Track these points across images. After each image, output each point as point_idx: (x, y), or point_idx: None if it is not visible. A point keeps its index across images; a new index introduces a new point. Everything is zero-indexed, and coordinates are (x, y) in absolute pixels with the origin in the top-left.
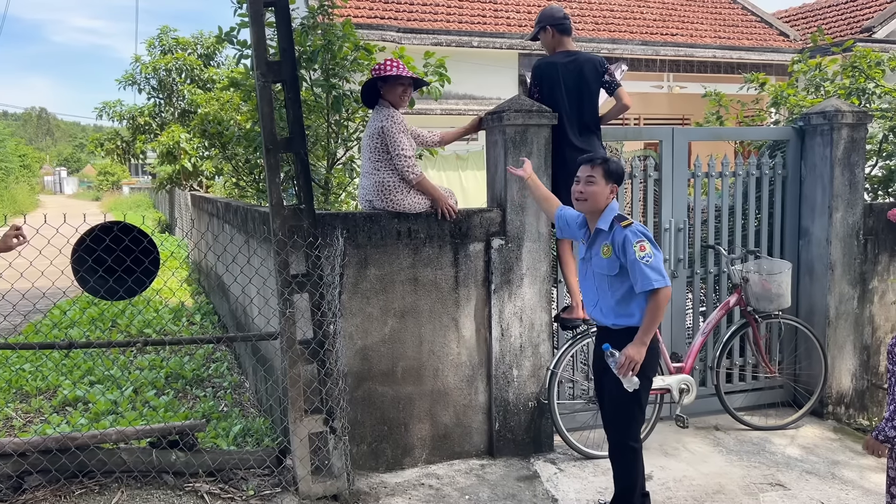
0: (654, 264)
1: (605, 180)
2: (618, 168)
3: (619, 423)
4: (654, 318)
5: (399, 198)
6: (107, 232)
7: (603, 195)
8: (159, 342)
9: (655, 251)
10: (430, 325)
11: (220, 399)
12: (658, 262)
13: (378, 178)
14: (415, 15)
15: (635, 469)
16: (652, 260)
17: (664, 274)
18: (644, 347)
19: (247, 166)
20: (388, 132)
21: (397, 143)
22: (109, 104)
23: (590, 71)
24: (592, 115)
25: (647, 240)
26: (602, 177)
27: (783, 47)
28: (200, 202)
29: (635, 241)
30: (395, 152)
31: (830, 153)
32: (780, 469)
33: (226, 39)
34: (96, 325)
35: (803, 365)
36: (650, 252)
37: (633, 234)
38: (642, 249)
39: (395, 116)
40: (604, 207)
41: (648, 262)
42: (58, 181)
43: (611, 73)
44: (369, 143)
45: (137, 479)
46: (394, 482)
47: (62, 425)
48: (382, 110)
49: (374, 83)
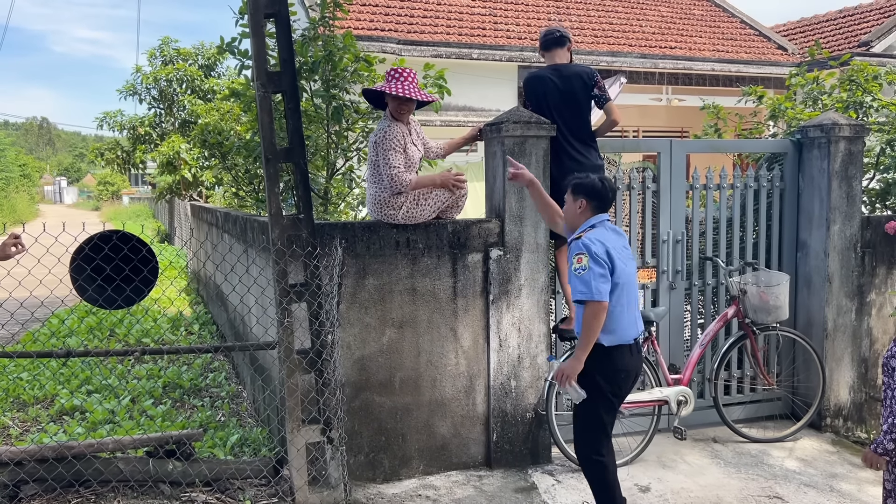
0: (585, 277)
1: (573, 196)
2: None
3: (579, 436)
4: (586, 332)
5: (391, 213)
6: (106, 241)
7: (571, 211)
8: (157, 351)
9: (593, 265)
10: (428, 336)
11: (217, 409)
12: (590, 275)
13: (373, 192)
14: (415, 27)
15: (606, 482)
16: (584, 273)
17: (591, 288)
18: (577, 362)
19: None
20: (378, 147)
21: (385, 160)
22: (110, 114)
23: (578, 84)
24: (583, 126)
25: (587, 252)
26: (570, 194)
27: (781, 61)
28: (200, 212)
29: (575, 252)
30: (385, 170)
31: (828, 166)
32: (779, 482)
33: (227, 50)
34: (94, 334)
35: (801, 377)
36: (585, 264)
37: (576, 246)
38: (578, 261)
39: (389, 132)
40: (580, 223)
41: (579, 274)
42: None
43: (601, 86)
44: (369, 155)
45: (134, 489)
46: (391, 493)
47: (59, 434)
48: (382, 123)
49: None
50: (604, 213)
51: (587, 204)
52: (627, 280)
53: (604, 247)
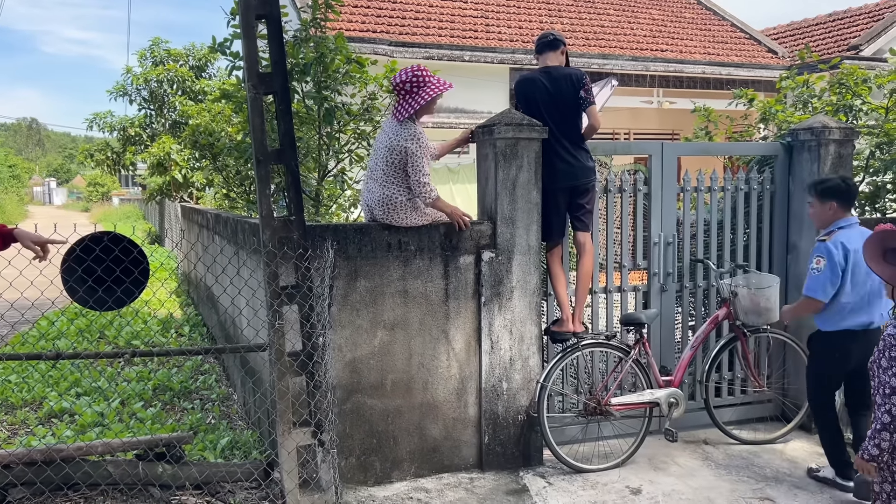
0: (818, 277)
1: (821, 199)
2: (828, 185)
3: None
4: (795, 314)
5: (403, 215)
6: (97, 242)
7: (821, 214)
8: (147, 353)
9: (828, 270)
10: (419, 338)
11: (207, 411)
12: (822, 277)
13: (387, 193)
14: (406, 29)
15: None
16: (818, 274)
17: (817, 289)
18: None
19: (237, 178)
20: (411, 154)
21: (418, 168)
22: (100, 115)
23: (567, 86)
24: (572, 128)
25: (827, 258)
26: (816, 197)
27: (771, 64)
28: (190, 213)
29: (815, 254)
30: (416, 178)
31: (818, 169)
32: (769, 483)
33: (218, 50)
34: (84, 336)
35: (792, 379)
36: (821, 267)
37: (819, 248)
38: (817, 262)
39: (421, 138)
40: (830, 223)
41: (814, 274)
42: (47, 192)
43: (587, 89)
44: (387, 157)
45: (123, 492)
46: (382, 496)
47: (48, 437)
48: (409, 125)
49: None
50: (850, 215)
51: (837, 205)
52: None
53: (844, 251)
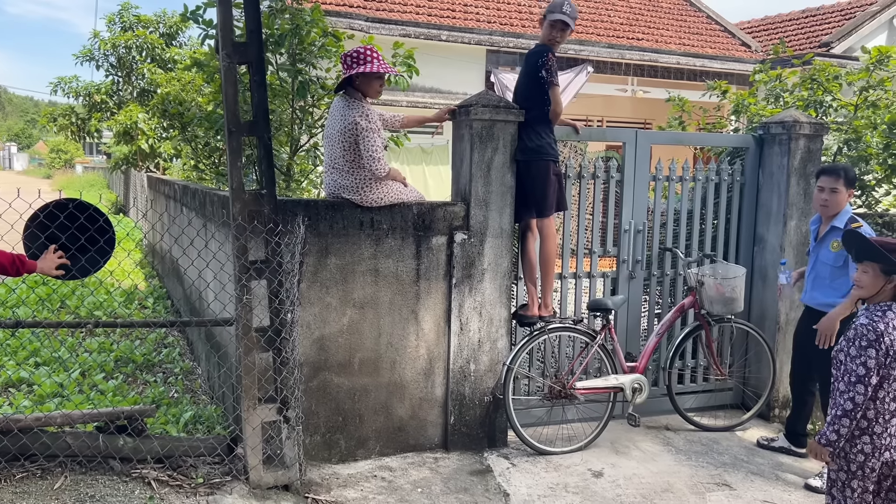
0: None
1: (846, 188)
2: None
3: None
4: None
5: (371, 195)
6: (62, 209)
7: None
8: (111, 324)
9: None
10: (389, 317)
11: (170, 385)
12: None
13: (358, 177)
14: (384, 5)
15: None
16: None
17: None
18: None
19: (206, 149)
20: (362, 130)
21: (370, 143)
22: (65, 80)
23: (532, 62)
24: (532, 106)
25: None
26: (843, 185)
27: (745, 57)
28: (157, 184)
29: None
30: (368, 153)
31: (787, 162)
32: (727, 469)
33: (191, 18)
34: (45, 304)
35: (753, 369)
36: None
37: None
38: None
39: (370, 114)
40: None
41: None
42: (7, 156)
43: (548, 67)
44: (342, 139)
45: (82, 465)
46: (346, 473)
47: (5, 407)
48: (355, 104)
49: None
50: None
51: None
52: None
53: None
